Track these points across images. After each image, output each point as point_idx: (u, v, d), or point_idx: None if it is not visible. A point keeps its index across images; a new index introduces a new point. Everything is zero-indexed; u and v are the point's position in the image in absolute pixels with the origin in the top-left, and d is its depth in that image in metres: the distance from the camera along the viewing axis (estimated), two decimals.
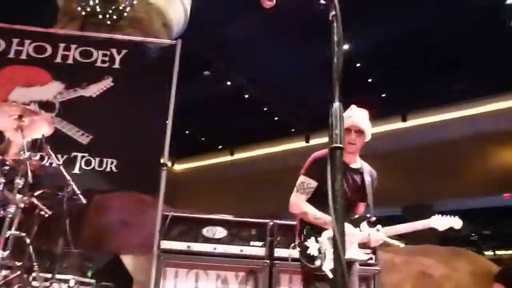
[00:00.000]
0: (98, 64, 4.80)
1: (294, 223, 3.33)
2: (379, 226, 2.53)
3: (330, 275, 2.30)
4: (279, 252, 3.24)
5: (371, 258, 3.34)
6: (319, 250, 2.43)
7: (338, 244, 1.18)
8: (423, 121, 10.95)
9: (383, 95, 10.50)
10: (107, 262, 3.99)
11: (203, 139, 13.14)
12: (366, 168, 2.68)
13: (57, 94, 4.66)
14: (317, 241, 2.46)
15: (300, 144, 12.00)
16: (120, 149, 4.50)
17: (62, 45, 4.86)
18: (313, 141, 11.59)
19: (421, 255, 5.21)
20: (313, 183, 2.54)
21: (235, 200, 12.40)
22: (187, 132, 12.52)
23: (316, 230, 2.48)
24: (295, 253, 3.24)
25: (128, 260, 4.38)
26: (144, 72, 4.80)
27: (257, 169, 12.71)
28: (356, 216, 2.59)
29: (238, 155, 13.47)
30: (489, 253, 16.24)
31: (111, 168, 4.43)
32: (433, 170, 10.35)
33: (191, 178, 13.98)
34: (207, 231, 3.22)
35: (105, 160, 4.45)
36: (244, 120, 11.55)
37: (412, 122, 11.21)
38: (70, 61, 4.79)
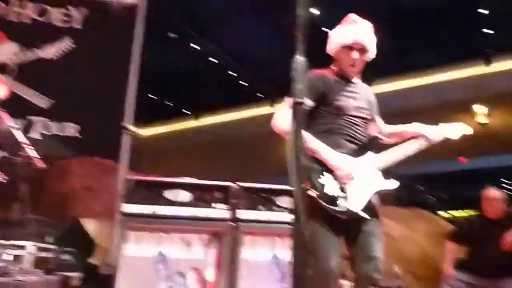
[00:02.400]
0: (56, 23, 4.57)
1: (258, 185, 3.39)
2: None
3: (367, 216, 2.04)
4: (243, 214, 3.27)
5: None
6: (341, 188, 2.04)
7: (298, 210, 1.15)
8: (385, 88, 11.12)
9: None
10: (68, 227, 3.93)
11: (168, 104, 12.92)
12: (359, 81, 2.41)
13: (12, 55, 4.43)
14: (334, 178, 2.05)
15: (265, 110, 11.99)
16: (82, 113, 4.38)
17: (16, 2, 4.59)
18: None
19: (383, 216, 5.40)
20: (309, 102, 2.08)
21: (201, 166, 12.37)
22: (152, 97, 12.26)
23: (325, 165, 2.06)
24: (258, 215, 3.30)
25: (90, 225, 4.33)
26: (107, 33, 4.61)
27: (222, 135, 12.67)
28: (369, 139, 2.26)
29: (204, 121, 13.35)
30: (443, 214, 17.01)
31: (72, 133, 4.31)
32: None
33: (157, 144, 13.81)
34: (170, 195, 3.19)
35: (65, 124, 4.32)
36: (210, 85, 11.39)
37: (375, 89, 11.35)
38: (25, 20, 4.54)
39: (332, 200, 2.01)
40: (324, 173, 2.06)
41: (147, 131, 14.26)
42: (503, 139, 10.54)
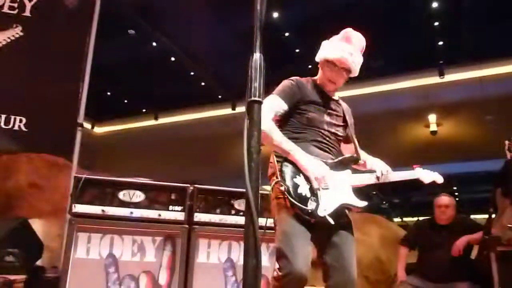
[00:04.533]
0: (5, 10, 4.32)
1: (215, 188, 3.33)
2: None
3: (332, 221, 2.02)
4: (198, 216, 3.21)
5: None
6: (311, 191, 2.04)
7: (251, 206, 1.12)
8: (340, 94, 11.34)
9: (310, 66, 10.67)
10: (13, 227, 3.71)
11: (126, 101, 12.59)
12: (342, 102, 2.44)
13: None
14: (307, 180, 2.06)
15: (226, 111, 11.93)
16: (30, 106, 4.15)
17: None
18: (240, 109, 11.56)
19: None
20: (284, 106, 2.18)
21: (158, 166, 12.17)
22: (109, 94, 11.92)
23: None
24: (214, 218, 3.25)
25: (38, 226, 4.12)
26: (59, 24, 4.41)
27: (182, 135, 12.49)
28: (344, 156, 2.30)
29: (163, 120, 13.12)
30: (397, 220, 17.56)
31: (19, 126, 4.08)
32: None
33: (113, 142, 13.43)
34: (123, 195, 3.08)
35: (12, 117, 4.09)
36: (170, 84, 11.21)
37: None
38: None
39: (303, 200, 2.02)
40: (301, 174, 2.07)
41: (101, 129, 13.85)
42: (452, 148, 11.00)
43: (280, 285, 1.94)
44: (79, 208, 2.99)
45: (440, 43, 9.13)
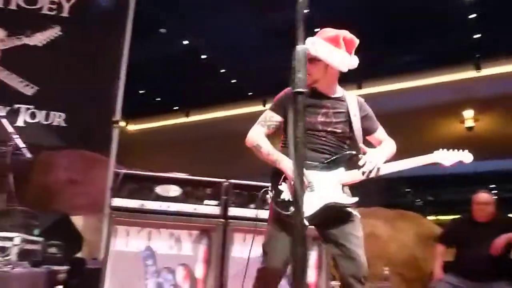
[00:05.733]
0: (45, 11, 4.48)
1: (249, 183, 3.35)
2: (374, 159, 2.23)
3: (307, 223, 2.08)
4: (233, 211, 3.23)
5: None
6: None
7: (297, 195, 1.13)
8: (375, 90, 11.17)
9: None
10: (55, 220, 3.85)
11: (158, 99, 12.79)
12: (351, 97, 2.42)
13: None
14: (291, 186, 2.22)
15: (256, 108, 11.94)
16: (69, 103, 4.29)
17: None
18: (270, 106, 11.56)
19: (370, 217, 5.41)
20: (276, 117, 2.34)
21: (189, 163, 12.31)
22: (141, 92, 12.13)
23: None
24: (249, 212, 3.27)
25: (77, 219, 4.26)
26: (96, 24, 4.54)
27: (212, 132, 12.60)
28: (339, 155, 2.30)
29: (194, 117, 13.26)
30: (431, 217, 17.19)
31: (58, 122, 4.22)
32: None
33: (145, 140, 13.68)
34: (160, 189, 3.14)
35: (52, 113, 4.23)
36: (200, 82, 11.31)
37: (366, 91, 11.42)
38: (13, 6, 4.45)
39: (286, 205, 2.18)
40: (286, 180, 2.23)
41: (134, 127, 14.13)
42: (489, 144, 10.67)
43: (260, 276, 2.28)
44: (118, 202, 3.06)
45: (477, 36, 8.85)
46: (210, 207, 3.19)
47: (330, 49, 2.28)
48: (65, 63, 4.37)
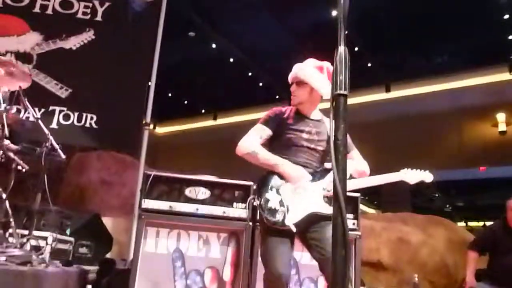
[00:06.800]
0: (79, 15, 4.60)
1: None
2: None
3: (294, 229, 2.25)
4: None
5: (353, 223, 3.36)
6: (281, 203, 2.30)
7: (338, 195, 1.12)
8: (406, 92, 10.97)
9: (369, 65, 10.44)
10: (86, 221, 3.93)
11: (186, 102, 12.92)
12: (328, 121, 2.58)
13: (35, 46, 4.47)
14: (278, 193, 2.34)
15: None
16: (100, 104, 4.38)
17: None
18: None
19: (399, 222, 5.31)
20: (268, 131, 2.50)
21: (217, 165, 12.35)
22: (169, 94, 12.28)
23: (277, 181, 2.37)
24: None
25: (107, 220, 4.34)
26: (128, 27, 4.63)
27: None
28: (323, 168, 2.48)
29: (221, 120, 13.33)
30: (461, 223, 16.76)
31: (90, 123, 4.31)
32: (412, 142, 10.45)
33: (173, 142, 13.84)
34: (189, 192, 3.16)
35: (84, 114, 4.33)
36: (228, 85, 11.36)
37: (395, 94, 11.23)
38: (49, 11, 4.58)
39: (272, 212, 2.27)
40: (273, 189, 2.34)
41: (162, 129, 14.31)
42: None
43: (265, 279, 2.30)
44: (148, 203, 3.10)
45: (511, 37, 8.60)
46: (238, 210, 3.20)
47: (316, 76, 2.50)
48: (98, 66, 4.46)
